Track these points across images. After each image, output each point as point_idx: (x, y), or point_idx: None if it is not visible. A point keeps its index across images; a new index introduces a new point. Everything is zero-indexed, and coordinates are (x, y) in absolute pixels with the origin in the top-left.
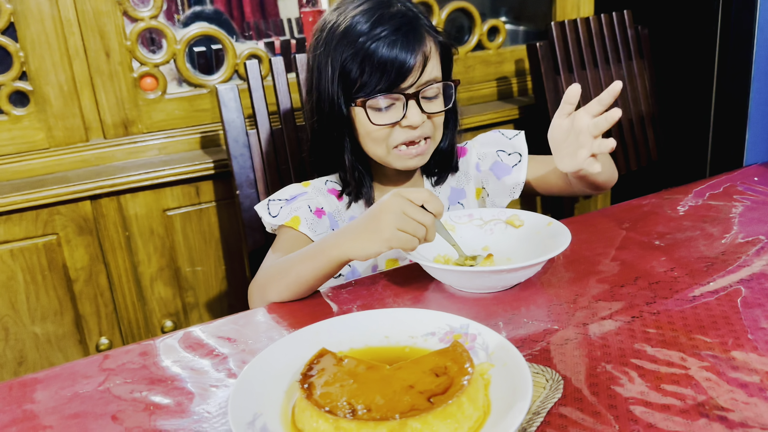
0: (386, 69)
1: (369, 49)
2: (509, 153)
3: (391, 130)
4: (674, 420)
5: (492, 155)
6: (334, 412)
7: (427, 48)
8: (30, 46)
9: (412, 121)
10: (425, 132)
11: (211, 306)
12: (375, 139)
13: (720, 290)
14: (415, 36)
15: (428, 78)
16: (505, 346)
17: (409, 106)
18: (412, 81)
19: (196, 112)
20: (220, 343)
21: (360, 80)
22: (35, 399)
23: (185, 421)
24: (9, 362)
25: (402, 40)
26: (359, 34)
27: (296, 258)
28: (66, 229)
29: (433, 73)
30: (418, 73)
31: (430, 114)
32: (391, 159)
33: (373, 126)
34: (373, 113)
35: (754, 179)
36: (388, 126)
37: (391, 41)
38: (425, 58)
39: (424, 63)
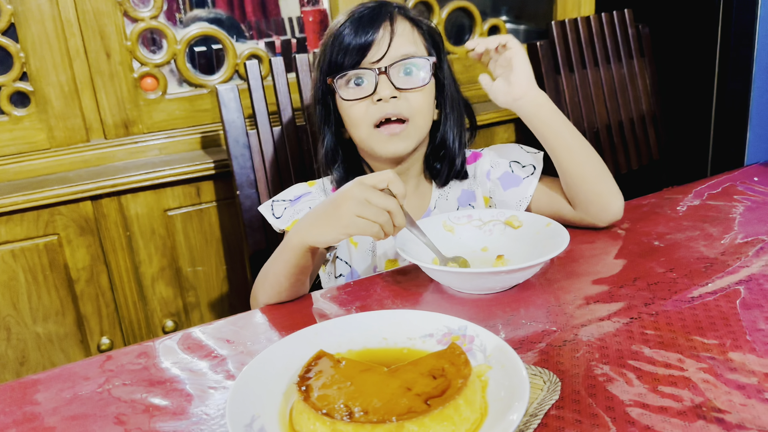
0: (351, 45)
1: (339, 31)
2: (523, 165)
3: (366, 108)
4: (671, 422)
5: (504, 165)
6: (331, 414)
7: (395, 25)
8: (30, 47)
9: (383, 94)
10: (400, 109)
11: (212, 306)
12: (354, 121)
13: (719, 291)
14: (380, 14)
15: (401, 53)
16: (502, 348)
17: (380, 80)
18: (378, 54)
19: (196, 113)
20: (219, 344)
21: (333, 62)
22: (36, 400)
23: (184, 423)
24: (11, 362)
25: (367, 18)
26: (336, 23)
27: (272, 258)
28: (67, 230)
29: (407, 49)
30: (385, 45)
31: (402, 89)
32: (373, 142)
33: (346, 102)
34: (345, 90)
35: (754, 179)
36: (359, 101)
37: (357, 20)
38: (391, 32)
39: (390, 37)
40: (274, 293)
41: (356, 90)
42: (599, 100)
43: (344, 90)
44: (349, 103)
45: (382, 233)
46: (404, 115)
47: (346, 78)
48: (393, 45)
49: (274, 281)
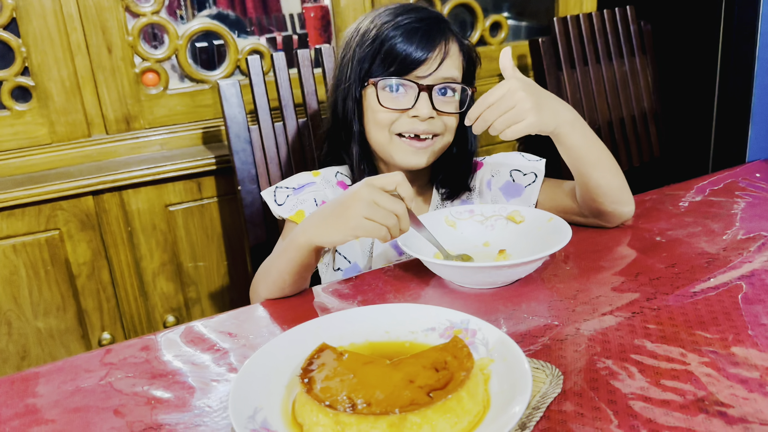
0: (403, 54)
1: (389, 33)
2: (524, 173)
3: (397, 117)
4: (674, 415)
5: (505, 174)
6: (334, 406)
7: (449, 46)
8: (32, 42)
9: (421, 112)
10: (433, 128)
11: (214, 301)
12: (379, 123)
13: (721, 286)
14: (438, 30)
15: (445, 75)
16: (504, 341)
17: (421, 97)
18: (427, 71)
19: (197, 108)
20: (221, 337)
21: (376, 61)
22: (37, 393)
23: (186, 416)
24: (12, 356)
25: (425, 29)
26: (384, 21)
27: (275, 253)
28: (68, 225)
29: (451, 72)
30: (435, 65)
31: (440, 111)
32: (392, 148)
33: (380, 107)
34: (383, 95)
35: (755, 175)
36: (395, 111)
37: (413, 28)
38: (444, 53)
39: (442, 58)
40: (276, 289)
41: (394, 98)
42: (601, 96)
43: (383, 94)
44: (382, 109)
45: (389, 236)
46: (436, 132)
47: (389, 84)
48: (443, 66)
49: (278, 278)
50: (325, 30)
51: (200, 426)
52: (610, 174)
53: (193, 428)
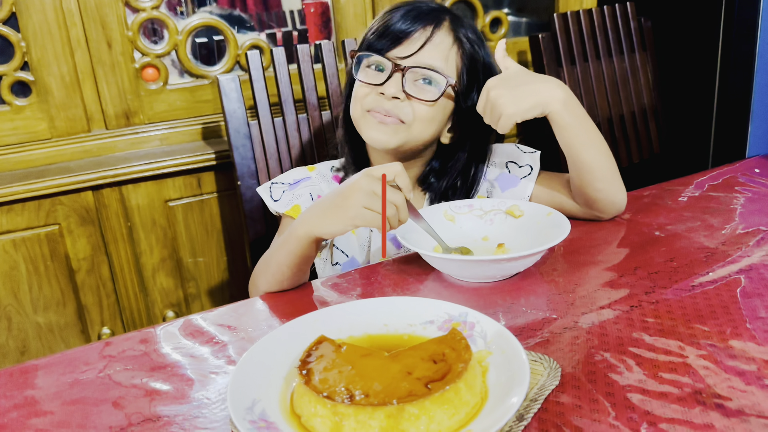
0: (388, 31)
1: (387, 15)
2: (520, 165)
3: (368, 92)
4: (671, 407)
5: (500, 165)
6: (332, 397)
7: (437, 33)
8: (32, 36)
9: (387, 90)
10: (398, 111)
11: (213, 296)
12: (354, 97)
13: (719, 280)
14: (430, 15)
15: (426, 61)
16: (503, 333)
17: (393, 77)
18: (407, 52)
19: (197, 103)
20: (220, 330)
21: (368, 40)
22: (36, 385)
23: (185, 407)
24: (12, 351)
25: (416, 12)
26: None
27: (275, 246)
28: (68, 220)
29: (434, 61)
30: (415, 47)
31: (409, 95)
32: (362, 123)
33: (358, 82)
34: (363, 70)
35: (755, 171)
36: (367, 85)
37: (407, 11)
38: (427, 39)
39: (424, 41)
40: (275, 282)
41: (371, 74)
42: (600, 93)
43: (362, 69)
44: (359, 83)
45: (387, 226)
46: (401, 117)
47: (367, 60)
48: (423, 50)
49: (277, 270)
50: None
51: (199, 417)
52: (602, 155)
53: (191, 420)
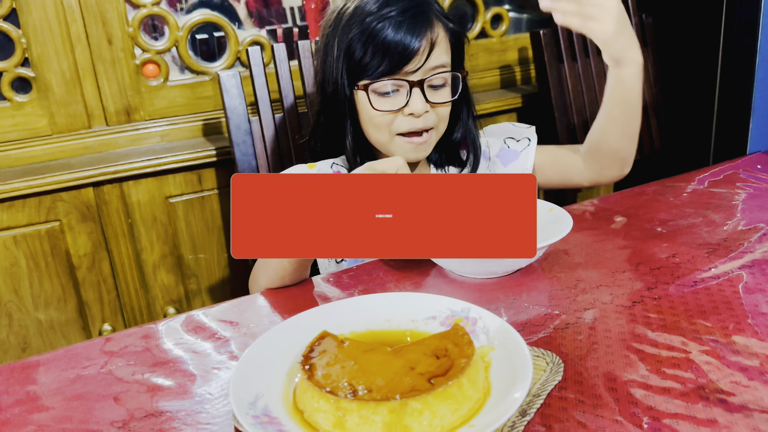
0: (390, 51)
1: (375, 28)
2: (518, 139)
3: (394, 117)
4: (674, 403)
5: (499, 143)
6: (335, 392)
7: (435, 34)
8: (32, 33)
9: (415, 110)
10: (428, 122)
11: (214, 293)
12: (377, 126)
13: (721, 276)
14: (423, 19)
15: (435, 65)
16: (505, 329)
17: (413, 94)
18: (416, 65)
19: (198, 100)
20: (222, 326)
21: (363, 61)
22: (38, 381)
23: (187, 403)
24: (13, 348)
25: (409, 21)
26: (367, 14)
27: None
28: (69, 216)
29: (441, 60)
30: (424, 57)
31: (434, 104)
32: (393, 147)
33: (375, 112)
34: (375, 98)
35: (757, 167)
36: (389, 113)
37: (397, 22)
38: (432, 43)
39: (430, 48)
40: (277, 278)
41: (386, 100)
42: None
43: (374, 97)
44: (377, 111)
45: None
46: (430, 126)
47: (380, 87)
48: (431, 57)
49: (278, 266)
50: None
51: (201, 413)
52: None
53: (194, 415)
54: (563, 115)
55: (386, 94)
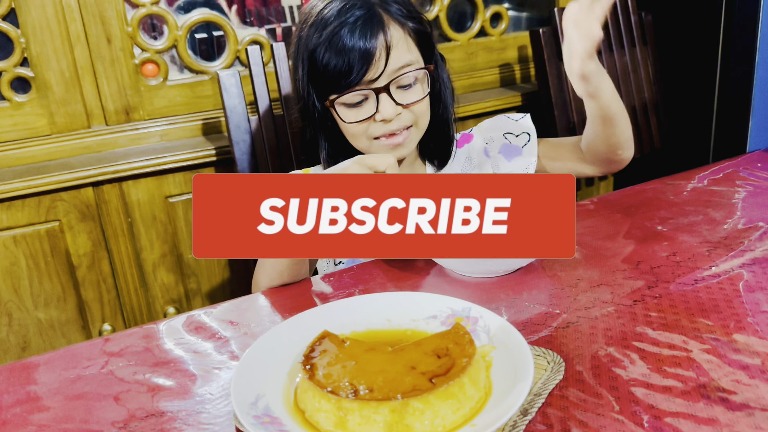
0: (348, 62)
1: (331, 42)
2: (517, 134)
3: (368, 125)
4: (675, 401)
5: (499, 138)
6: (336, 392)
7: (389, 36)
8: (31, 32)
9: (385, 115)
10: (404, 122)
11: (214, 292)
12: (354, 135)
13: (722, 274)
14: (373, 25)
15: (397, 66)
16: (506, 328)
17: (381, 100)
18: (376, 72)
19: (197, 99)
20: (223, 326)
21: (326, 76)
22: (38, 381)
23: (188, 403)
24: (13, 347)
25: (360, 29)
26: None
27: None
28: (68, 216)
29: (403, 60)
30: (382, 63)
31: (405, 105)
32: (375, 151)
33: (348, 125)
34: (345, 111)
35: (756, 165)
36: (362, 122)
37: (349, 32)
38: (387, 47)
39: (387, 54)
40: (275, 273)
41: (356, 111)
42: None
43: (343, 111)
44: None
45: None
46: (409, 125)
47: (347, 99)
48: (391, 60)
49: (276, 262)
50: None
51: (202, 413)
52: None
53: (195, 415)
54: (563, 113)
55: (356, 104)
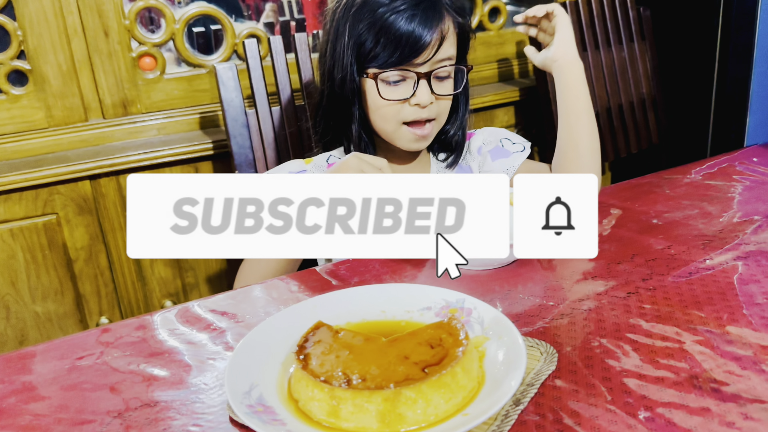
0: (402, 43)
1: (387, 20)
2: (514, 142)
3: (401, 107)
4: (668, 392)
5: (495, 141)
6: (329, 381)
7: (445, 26)
8: (28, 25)
9: (421, 100)
10: (432, 113)
11: (211, 286)
12: (383, 115)
13: (716, 267)
14: (434, 12)
15: (442, 57)
16: (500, 319)
17: (420, 85)
18: (426, 58)
19: (195, 92)
20: (218, 317)
21: (374, 51)
22: (34, 371)
23: (182, 393)
24: (10, 340)
25: (421, 15)
26: (379, 5)
27: None
28: (66, 209)
29: (448, 53)
30: (434, 50)
31: (438, 95)
32: (397, 137)
33: (382, 101)
34: (383, 87)
35: (753, 159)
36: (396, 102)
37: (410, 15)
38: (442, 36)
39: (440, 41)
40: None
41: (394, 89)
42: (599, 82)
43: (383, 86)
44: (384, 101)
45: None
46: (434, 117)
47: (388, 76)
48: (440, 50)
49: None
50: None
51: (196, 402)
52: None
53: (189, 405)
54: None
55: (394, 83)
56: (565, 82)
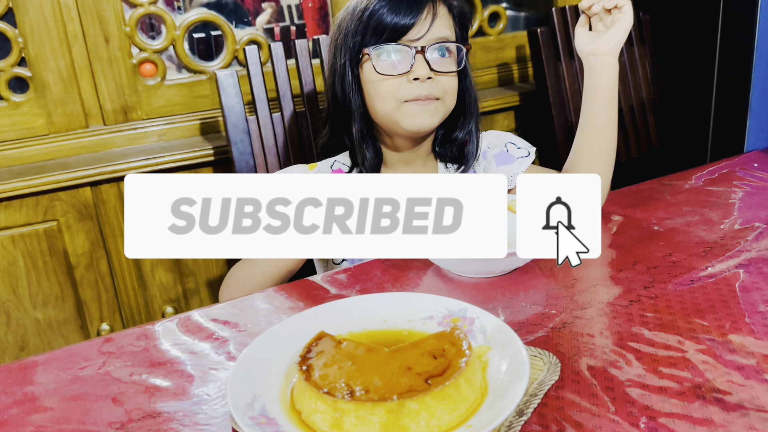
0: (392, 22)
1: (376, 5)
2: (518, 147)
3: (399, 84)
4: (671, 402)
5: (500, 146)
6: (332, 393)
7: (437, 8)
8: (29, 32)
9: (419, 73)
10: (433, 91)
11: (212, 292)
12: (382, 94)
13: (718, 274)
14: None
15: (437, 35)
16: (503, 329)
17: (417, 59)
18: (418, 34)
19: (195, 99)
20: (220, 327)
21: (367, 34)
22: (36, 381)
23: (185, 403)
24: (11, 347)
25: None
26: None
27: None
28: (66, 215)
29: (443, 32)
30: (426, 27)
31: (437, 71)
32: (400, 114)
33: (379, 76)
34: (379, 63)
35: (753, 165)
36: (394, 77)
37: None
38: (433, 15)
39: (432, 20)
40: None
41: (391, 65)
42: None
43: (378, 62)
44: (381, 77)
45: None
46: (436, 95)
47: (383, 51)
48: (433, 27)
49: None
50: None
51: (199, 414)
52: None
53: (191, 416)
54: (561, 113)
55: (390, 59)
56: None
